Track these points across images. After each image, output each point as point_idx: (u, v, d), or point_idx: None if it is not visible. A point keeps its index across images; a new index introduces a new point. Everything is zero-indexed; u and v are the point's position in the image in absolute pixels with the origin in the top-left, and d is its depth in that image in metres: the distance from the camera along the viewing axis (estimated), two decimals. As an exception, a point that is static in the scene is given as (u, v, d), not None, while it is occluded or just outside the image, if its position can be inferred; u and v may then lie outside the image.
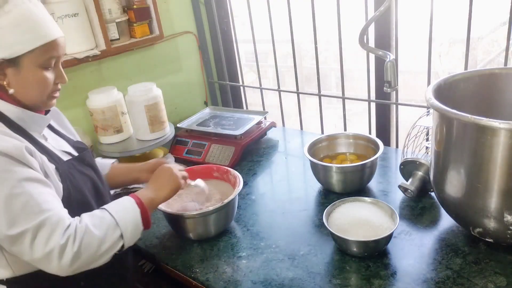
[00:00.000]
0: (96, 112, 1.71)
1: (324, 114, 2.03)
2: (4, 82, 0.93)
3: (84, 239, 0.90)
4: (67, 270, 0.90)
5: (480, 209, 1.04)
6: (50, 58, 0.97)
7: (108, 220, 0.96)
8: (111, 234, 0.95)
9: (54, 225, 0.88)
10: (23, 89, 0.96)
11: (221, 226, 1.33)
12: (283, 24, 1.96)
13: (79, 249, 0.89)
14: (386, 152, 1.69)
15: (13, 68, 0.93)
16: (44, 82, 0.97)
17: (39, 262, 0.89)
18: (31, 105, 0.99)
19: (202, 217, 1.27)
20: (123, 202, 1.02)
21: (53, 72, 1.00)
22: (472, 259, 1.11)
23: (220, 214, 1.29)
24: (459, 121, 1.00)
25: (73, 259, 0.89)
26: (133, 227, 0.99)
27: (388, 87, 1.28)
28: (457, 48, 3.74)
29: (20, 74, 0.94)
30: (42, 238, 0.87)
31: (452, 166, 1.07)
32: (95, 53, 1.67)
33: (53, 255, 0.87)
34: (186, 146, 1.86)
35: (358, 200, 1.28)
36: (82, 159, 1.11)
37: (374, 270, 1.11)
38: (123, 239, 0.97)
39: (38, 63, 0.95)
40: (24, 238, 0.86)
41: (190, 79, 2.22)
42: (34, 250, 0.87)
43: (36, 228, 0.87)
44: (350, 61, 4.36)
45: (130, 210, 1.01)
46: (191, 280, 1.19)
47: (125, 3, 1.82)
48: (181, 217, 1.28)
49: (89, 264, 0.93)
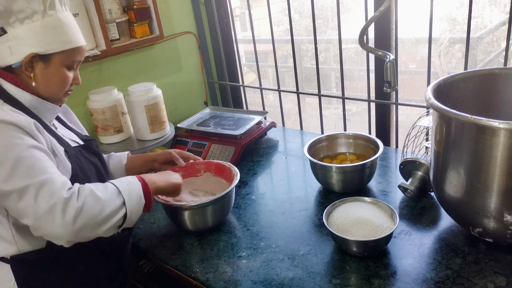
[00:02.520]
0: (96, 112, 1.71)
1: (324, 114, 2.03)
2: (31, 74, 1.04)
3: (87, 198, 0.94)
4: (71, 228, 0.91)
5: (480, 209, 1.04)
6: (74, 61, 1.10)
7: (111, 188, 1.01)
8: (114, 199, 0.98)
9: (58, 183, 0.93)
10: (46, 83, 1.06)
11: (218, 218, 1.36)
12: (283, 24, 1.96)
13: (83, 206, 0.92)
14: (386, 152, 1.69)
15: (43, 63, 1.04)
16: (65, 80, 1.09)
17: (43, 219, 0.91)
18: (48, 98, 1.09)
19: (200, 208, 1.30)
20: (126, 178, 1.08)
21: (72, 73, 1.11)
22: (472, 259, 1.11)
23: (217, 206, 1.32)
24: (459, 121, 1.00)
25: (75, 215, 0.91)
26: (136, 198, 1.03)
27: (388, 87, 1.28)
28: (457, 48, 3.74)
29: (47, 69, 1.05)
30: (46, 192, 0.91)
31: (452, 166, 1.08)
32: (95, 53, 1.68)
33: (57, 209, 0.90)
34: (186, 146, 1.87)
35: (358, 200, 1.28)
36: (89, 147, 1.20)
37: (374, 270, 1.12)
38: (125, 206, 1.00)
39: (65, 63, 1.07)
40: (28, 193, 0.91)
41: (190, 79, 2.22)
42: (38, 203, 0.90)
43: (40, 184, 0.91)
44: (350, 61, 4.38)
45: (133, 183, 1.06)
46: (191, 280, 1.20)
47: (125, 3, 1.82)
48: (179, 209, 1.31)
49: (92, 227, 0.94)
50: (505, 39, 1.41)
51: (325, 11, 4.63)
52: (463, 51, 1.53)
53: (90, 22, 1.69)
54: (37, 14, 1.01)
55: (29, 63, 1.03)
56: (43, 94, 1.08)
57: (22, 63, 1.02)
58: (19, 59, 1.02)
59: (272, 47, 2.05)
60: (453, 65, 3.76)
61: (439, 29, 3.85)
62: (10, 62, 1.02)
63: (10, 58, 1.02)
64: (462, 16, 3.82)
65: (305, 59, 4.65)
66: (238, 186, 1.61)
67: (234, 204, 1.49)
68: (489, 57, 3.66)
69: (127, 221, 1.01)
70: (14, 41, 1.00)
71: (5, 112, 0.97)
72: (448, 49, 3.71)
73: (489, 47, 3.79)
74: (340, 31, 1.75)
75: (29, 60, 1.02)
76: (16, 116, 0.97)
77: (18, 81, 1.05)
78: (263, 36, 4.17)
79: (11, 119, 0.95)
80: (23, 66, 1.03)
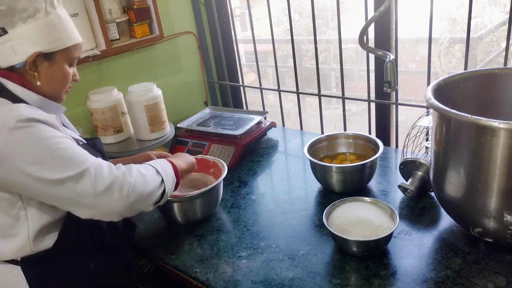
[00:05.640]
0: (96, 112, 1.71)
1: (324, 114, 2.03)
2: (35, 73, 1.05)
3: (137, 176, 1.04)
4: (126, 201, 1.00)
5: (480, 209, 1.04)
6: (75, 57, 1.11)
7: (151, 168, 1.11)
8: (155, 178, 1.09)
9: (106, 165, 1.01)
10: (50, 81, 1.07)
11: (207, 210, 1.41)
12: (283, 24, 1.97)
13: (134, 182, 1.02)
14: (386, 152, 1.70)
15: (47, 61, 1.05)
16: (68, 77, 1.11)
17: (102, 196, 0.98)
18: (51, 96, 1.11)
19: (189, 201, 1.36)
20: (158, 161, 1.19)
21: (72, 70, 1.13)
22: (471, 259, 1.11)
23: (205, 199, 1.38)
24: (459, 121, 1.00)
25: (130, 190, 1.01)
26: (170, 177, 1.15)
27: (388, 87, 1.28)
28: (457, 48, 3.74)
29: (51, 67, 1.06)
30: (102, 173, 0.99)
31: (452, 166, 1.08)
32: (95, 53, 1.68)
33: (115, 186, 0.99)
34: (186, 146, 1.87)
35: (358, 200, 1.28)
36: (94, 144, 1.22)
37: (374, 270, 1.12)
38: (164, 184, 1.11)
39: (67, 60, 1.08)
40: (86, 176, 0.97)
41: (190, 79, 2.22)
42: (97, 184, 0.97)
43: (94, 166, 0.98)
44: (350, 61, 4.38)
45: (166, 165, 1.16)
46: (191, 280, 1.20)
47: (125, 3, 1.82)
48: (168, 201, 1.34)
49: (141, 201, 1.04)
50: (505, 39, 1.41)
51: (325, 11, 4.63)
52: (463, 51, 1.53)
53: (90, 22, 1.69)
54: (40, 12, 1.00)
55: (33, 62, 1.03)
56: (47, 92, 1.08)
57: (26, 62, 1.02)
58: (23, 59, 1.01)
59: (272, 47, 2.05)
60: (453, 65, 3.76)
61: (439, 29, 3.85)
62: (14, 62, 1.02)
63: (14, 58, 1.01)
64: (462, 16, 3.83)
65: (305, 59, 4.65)
66: (238, 186, 1.61)
67: (234, 204, 1.50)
68: (489, 57, 3.66)
69: (164, 197, 1.12)
70: (16, 41, 0.99)
71: (28, 110, 0.97)
72: (448, 49, 3.71)
73: (489, 47, 3.80)
74: (340, 31, 1.75)
75: (33, 59, 1.02)
76: (41, 114, 0.99)
77: (24, 81, 1.04)
78: (263, 36, 4.18)
79: (37, 116, 0.97)
80: (27, 65, 1.02)
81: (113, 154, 1.71)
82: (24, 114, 0.95)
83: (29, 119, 0.94)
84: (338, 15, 1.73)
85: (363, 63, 1.72)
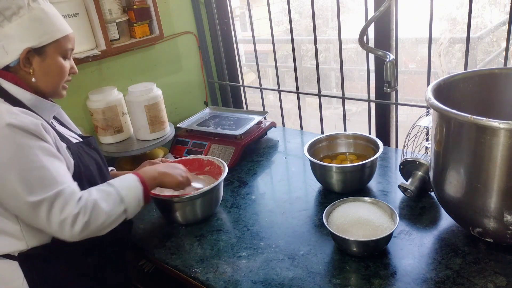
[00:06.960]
0: (96, 112, 1.71)
1: (324, 114, 2.03)
2: (30, 70, 1.05)
3: (93, 212, 1.01)
4: (77, 237, 1.01)
5: (480, 209, 1.04)
6: (67, 49, 1.11)
7: (115, 196, 1.07)
8: (117, 209, 1.06)
9: (68, 196, 0.99)
10: (45, 76, 1.08)
11: (207, 210, 1.42)
12: (283, 24, 1.97)
13: (89, 219, 1.00)
14: (386, 152, 1.70)
15: (39, 56, 1.05)
16: (63, 70, 1.10)
17: (53, 230, 0.99)
18: (48, 92, 1.11)
19: (190, 201, 1.36)
20: (128, 179, 1.13)
21: (68, 63, 1.13)
22: (471, 259, 1.11)
23: (206, 199, 1.38)
24: (459, 121, 1.00)
25: (83, 228, 0.99)
26: (135, 203, 1.11)
27: (388, 87, 1.28)
28: (457, 48, 3.74)
29: (44, 62, 1.06)
30: (58, 207, 0.97)
31: (452, 166, 1.08)
32: (95, 53, 1.67)
33: (67, 223, 0.98)
34: (186, 146, 1.87)
35: (358, 200, 1.28)
36: (88, 143, 1.23)
37: (374, 270, 1.12)
38: (126, 213, 1.09)
39: (59, 52, 1.08)
40: (42, 207, 0.96)
41: (190, 79, 2.22)
42: (50, 218, 0.97)
43: (52, 198, 0.97)
44: (350, 61, 4.38)
45: (133, 187, 1.12)
46: (191, 280, 1.20)
47: (125, 3, 1.82)
48: (169, 201, 1.35)
49: (95, 233, 1.04)
50: (505, 39, 1.41)
51: (325, 11, 4.63)
52: (463, 51, 1.53)
53: (90, 22, 1.68)
54: (23, 8, 1.01)
55: (26, 58, 1.04)
56: (43, 88, 1.09)
57: (19, 60, 1.03)
58: (15, 57, 1.03)
59: (272, 47, 2.05)
60: (453, 65, 3.76)
61: (439, 29, 3.85)
62: (7, 62, 1.03)
63: (6, 57, 1.03)
64: (462, 16, 3.82)
65: (305, 59, 4.65)
66: (238, 186, 1.61)
67: (234, 204, 1.50)
68: (489, 57, 3.66)
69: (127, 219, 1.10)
70: (6, 40, 1.01)
71: (14, 115, 0.97)
72: (448, 49, 3.71)
73: (489, 47, 3.80)
74: (340, 31, 1.75)
75: (26, 55, 1.03)
76: (24, 119, 0.98)
77: (18, 79, 1.05)
78: (263, 36, 4.17)
79: (19, 123, 0.96)
80: (21, 63, 1.03)
81: (113, 154, 1.72)
82: (5, 119, 0.95)
83: (8, 125, 0.95)
84: (338, 15, 1.73)
85: (363, 63, 1.72)
